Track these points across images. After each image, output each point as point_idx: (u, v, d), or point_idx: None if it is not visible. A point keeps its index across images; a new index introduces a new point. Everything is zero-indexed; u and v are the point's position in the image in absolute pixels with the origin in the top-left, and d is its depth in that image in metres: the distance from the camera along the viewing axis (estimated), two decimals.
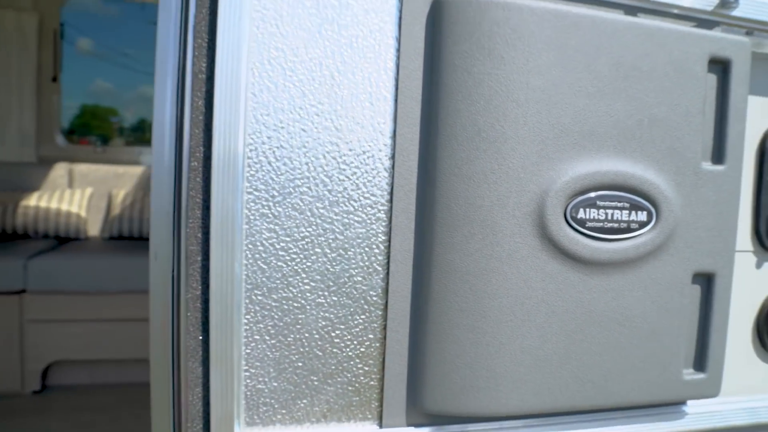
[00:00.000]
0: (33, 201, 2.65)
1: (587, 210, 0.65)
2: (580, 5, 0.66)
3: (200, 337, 0.59)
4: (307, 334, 0.62)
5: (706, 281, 0.70)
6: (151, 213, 0.71)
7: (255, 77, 0.58)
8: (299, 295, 0.61)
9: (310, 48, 0.60)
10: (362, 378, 0.64)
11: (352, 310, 0.63)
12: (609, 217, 0.65)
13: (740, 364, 0.79)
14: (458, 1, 0.61)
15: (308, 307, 0.62)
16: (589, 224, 0.65)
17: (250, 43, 0.57)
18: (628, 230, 0.66)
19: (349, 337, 0.63)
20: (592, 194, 0.65)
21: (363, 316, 0.64)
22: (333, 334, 0.63)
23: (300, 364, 0.62)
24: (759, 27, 0.74)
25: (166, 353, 0.70)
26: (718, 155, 0.70)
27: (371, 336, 0.64)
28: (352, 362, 0.64)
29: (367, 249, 0.63)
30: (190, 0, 0.57)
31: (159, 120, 0.66)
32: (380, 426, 0.64)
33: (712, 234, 0.69)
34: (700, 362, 0.71)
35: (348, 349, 0.63)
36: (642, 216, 0.66)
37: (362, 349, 0.64)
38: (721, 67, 0.69)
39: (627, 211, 0.66)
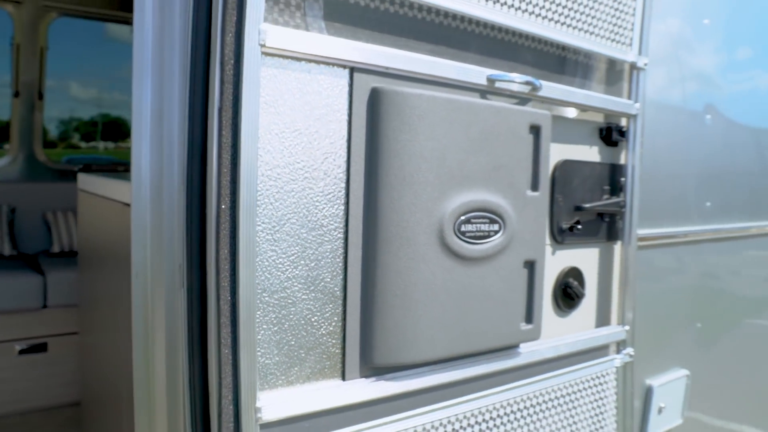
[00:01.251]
0: None
1: (466, 225, 1.05)
2: (460, 93, 1.05)
3: (230, 329, 0.85)
4: (296, 321, 0.91)
5: (530, 266, 1.16)
6: (132, 236, 0.93)
7: (262, 143, 0.86)
8: (290, 294, 0.91)
9: (296, 123, 0.89)
10: (331, 348, 0.96)
11: (324, 301, 0.94)
12: (478, 229, 1.06)
13: (548, 317, 1.28)
14: (388, 90, 0.95)
15: (297, 302, 0.91)
16: (467, 234, 1.05)
17: (261, 119, 0.85)
18: (488, 236, 1.08)
19: (322, 320, 0.94)
20: (469, 215, 1.05)
21: (331, 305, 0.95)
22: (312, 319, 0.93)
23: (293, 342, 0.91)
24: (555, 101, 1.22)
25: (150, 355, 0.94)
26: (535, 185, 1.15)
27: (336, 318, 0.96)
28: (324, 338, 0.95)
29: (332, 259, 0.95)
30: (215, 88, 0.83)
31: (136, 157, 0.90)
32: (343, 380, 0.97)
33: (533, 236, 1.15)
34: (528, 317, 1.16)
35: (322, 329, 0.94)
36: (495, 227, 1.09)
37: (330, 328, 0.96)
38: (536, 130, 1.14)
39: (487, 224, 1.08)
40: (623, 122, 1.41)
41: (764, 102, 2.09)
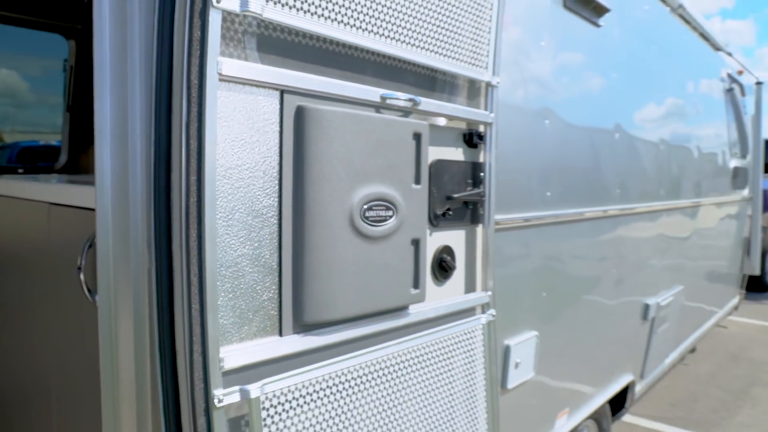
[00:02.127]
0: None
1: (369, 212, 1.39)
2: (362, 109, 1.39)
3: (198, 297, 1.12)
4: (244, 290, 1.20)
5: (416, 243, 1.52)
6: (98, 229, 1.18)
7: (219, 150, 1.14)
8: (240, 268, 1.19)
9: (242, 134, 1.18)
10: (271, 311, 1.25)
11: (264, 273, 1.24)
12: (377, 215, 1.41)
13: (429, 285, 1.66)
14: (309, 107, 1.27)
15: (245, 274, 1.20)
16: (370, 219, 1.39)
17: (218, 131, 1.13)
18: (385, 220, 1.43)
19: (263, 289, 1.24)
20: (371, 203, 1.39)
21: (270, 276, 1.25)
22: (257, 288, 1.22)
23: (243, 306, 1.20)
24: (431, 113, 1.59)
25: (114, 329, 1.18)
26: (417, 180, 1.52)
27: (274, 287, 1.26)
28: (265, 302, 1.24)
29: (270, 240, 1.24)
30: (184, 103, 1.09)
31: (99, 161, 1.15)
32: (281, 336, 1.27)
33: (417, 219, 1.51)
34: (415, 284, 1.53)
35: (264, 295, 1.24)
36: (390, 213, 1.44)
37: (270, 294, 1.25)
38: (417, 137, 1.51)
39: (384, 211, 1.42)
40: (481, 129, 1.83)
41: (592, 107, 2.65)
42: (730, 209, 5.10)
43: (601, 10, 2.60)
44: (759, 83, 5.52)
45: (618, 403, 3.28)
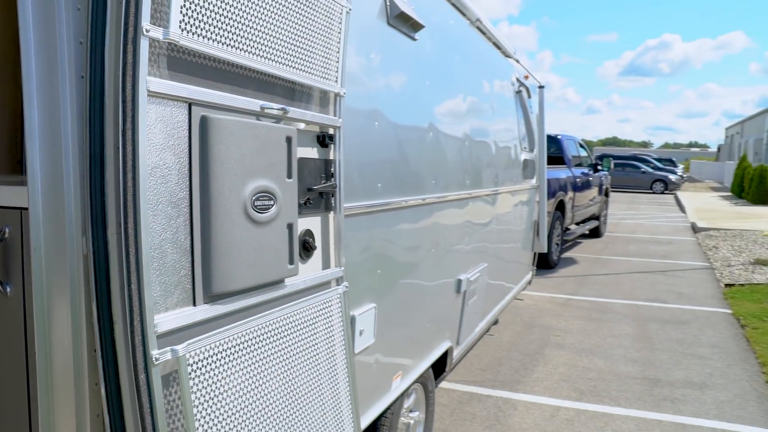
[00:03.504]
0: None
1: (257, 201, 1.78)
2: (249, 117, 1.77)
3: (135, 274, 1.44)
4: (167, 268, 1.54)
5: (290, 227, 1.94)
6: (31, 224, 1.46)
7: (147, 152, 1.46)
8: (164, 250, 1.53)
9: (163, 139, 1.51)
10: (187, 285, 1.60)
11: (181, 254, 1.58)
12: (263, 204, 1.80)
13: (298, 263, 2.08)
14: (211, 117, 1.63)
15: (167, 254, 1.54)
16: (258, 207, 1.78)
17: (147, 137, 1.46)
18: (268, 208, 1.83)
19: (181, 266, 1.59)
20: (258, 194, 1.78)
21: (186, 256, 1.60)
22: (176, 266, 1.57)
23: (166, 282, 1.53)
24: (297, 119, 2.01)
25: (47, 310, 1.47)
26: (289, 175, 1.93)
27: (189, 265, 1.61)
28: (183, 278, 1.59)
29: (185, 226, 1.59)
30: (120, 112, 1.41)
31: (31, 161, 1.43)
32: (194, 305, 1.62)
33: (290, 207, 1.93)
34: (291, 260, 1.94)
35: (181, 272, 1.58)
36: (271, 202, 1.84)
37: (186, 271, 1.60)
38: (289, 139, 1.92)
39: (267, 200, 1.82)
40: (331, 131, 2.28)
41: (411, 110, 3.22)
42: (522, 196, 6.11)
43: (417, 26, 3.18)
44: (541, 87, 6.65)
45: (439, 368, 3.94)
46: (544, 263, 10.03)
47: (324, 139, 2.26)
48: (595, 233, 14.46)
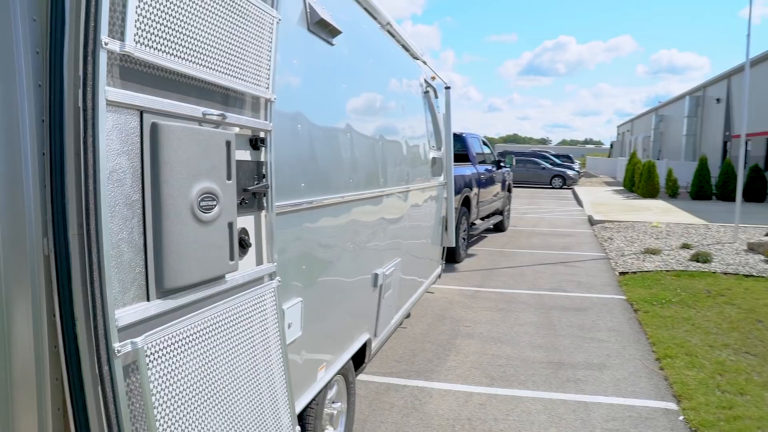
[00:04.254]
0: None
1: (202, 202, 1.94)
2: (193, 123, 1.93)
3: (98, 272, 1.57)
4: (124, 266, 1.68)
5: (230, 225, 2.10)
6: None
7: (106, 158, 1.60)
8: (120, 249, 1.67)
9: (120, 144, 1.66)
10: (142, 281, 1.75)
11: (136, 252, 1.73)
12: (207, 204, 1.96)
13: (237, 259, 2.25)
14: (161, 123, 1.78)
15: (124, 253, 1.68)
16: (203, 207, 1.94)
17: (106, 144, 1.60)
18: (212, 208, 1.99)
19: (135, 264, 1.73)
20: (203, 195, 1.94)
21: (140, 254, 1.74)
22: (132, 263, 1.71)
23: (123, 279, 1.68)
24: (234, 124, 2.18)
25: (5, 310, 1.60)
26: (229, 176, 2.10)
27: (143, 263, 1.75)
28: (138, 275, 1.73)
29: (139, 226, 1.74)
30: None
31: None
32: (148, 300, 1.77)
33: (230, 207, 2.10)
34: (231, 257, 2.11)
35: (136, 269, 1.73)
36: (214, 203, 2.00)
37: (140, 269, 1.74)
38: (228, 143, 2.09)
39: (211, 201, 1.99)
40: (263, 135, 2.46)
41: (330, 112, 3.42)
42: (431, 193, 6.44)
43: (335, 32, 3.39)
44: (447, 88, 7.02)
45: (359, 360, 4.17)
46: (452, 257, 10.48)
47: (256, 142, 2.43)
48: (499, 227, 15.17)
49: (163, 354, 1.77)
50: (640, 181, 26.45)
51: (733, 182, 23.67)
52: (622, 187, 32.58)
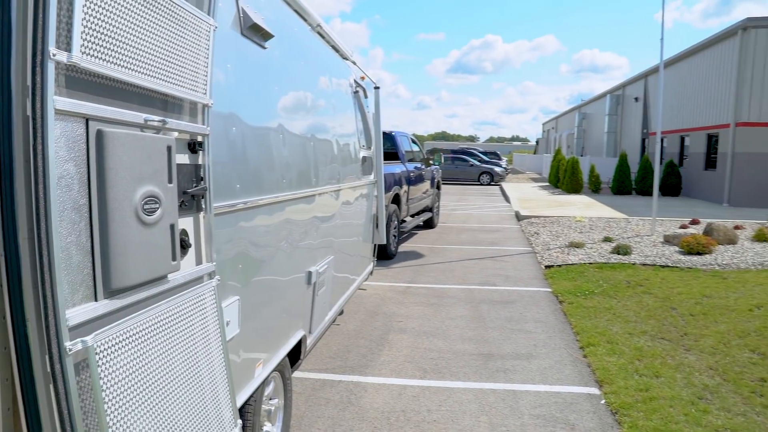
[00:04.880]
0: None
1: (145, 205, 2.03)
2: (136, 129, 2.02)
3: (48, 274, 1.65)
4: (74, 267, 1.77)
5: (172, 227, 2.20)
6: None
7: (54, 166, 1.68)
8: (70, 251, 1.75)
9: (67, 150, 1.74)
10: (90, 282, 1.84)
11: (84, 254, 1.82)
12: (150, 207, 2.06)
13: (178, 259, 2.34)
14: (105, 130, 1.87)
15: (73, 255, 1.76)
16: (146, 210, 2.04)
17: (54, 151, 1.68)
18: (155, 211, 2.09)
19: (84, 265, 1.82)
20: (146, 198, 2.04)
21: (88, 256, 1.83)
22: (80, 265, 1.80)
23: (73, 280, 1.76)
24: (175, 129, 2.28)
25: None
26: (170, 180, 2.20)
27: (90, 263, 1.84)
28: (86, 276, 1.82)
29: (86, 229, 1.82)
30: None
31: None
32: (96, 300, 1.85)
33: (172, 210, 2.20)
34: (173, 257, 2.21)
35: (85, 270, 1.82)
36: (157, 205, 2.10)
37: (88, 270, 1.83)
38: (169, 148, 2.18)
39: (153, 204, 2.08)
40: (200, 138, 2.56)
41: (264, 114, 3.53)
42: (362, 191, 6.60)
43: (267, 36, 3.50)
44: (377, 87, 7.19)
45: (295, 356, 4.29)
46: (384, 254, 10.70)
47: (194, 146, 2.53)
48: (429, 224, 15.51)
49: (111, 351, 1.86)
50: (565, 177, 27.45)
51: (650, 178, 24.95)
52: (547, 183, 33.69)
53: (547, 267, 10.35)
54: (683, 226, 14.71)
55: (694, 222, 15.39)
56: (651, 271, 9.78)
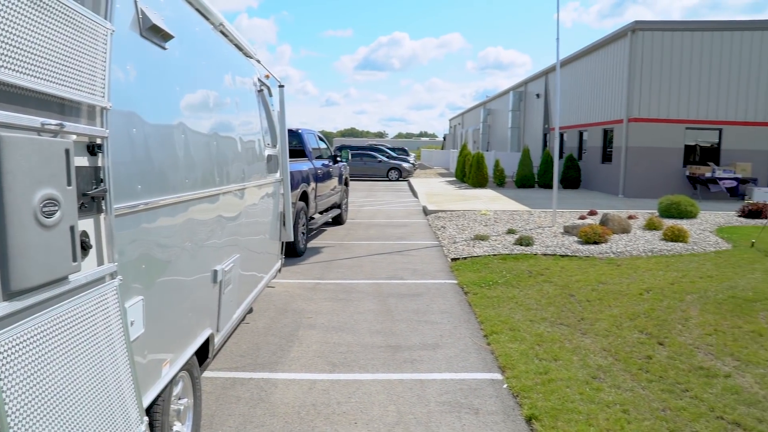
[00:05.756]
0: None
1: (44, 208, 2.07)
2: (33, 133, 2.05)
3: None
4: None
5: (72, 229, 2.24)
6: None
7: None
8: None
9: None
10: None
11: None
12: (49, 210, 2.10)
13: (79, 260, 2.38)
14: (4, 135, 1.90)
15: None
16: (45, 213, 2.07)
17: None
18: (54, 213, 2.12)
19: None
20: (45, 202, 2.07)
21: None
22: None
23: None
24: (72, 132, 2.31)
25: None
26: (69, 182, 2.23)
27: None
28: None
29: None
30: None
31: None
32: (9, 301, 1.89)
33: (72, 211, 2.24)
34: (74, 258, 2.25)
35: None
36: (56, 208, 2.14)
37: None
38: (67, 150, 2.22)
39: (53, 206, 2.12)
40: (100, 141, 2.59)
41: (165, 115, 3.56)
42: (268, 190, 6.66)
43: (167, 36, 3.54)
44: (281, 86, 7.26)
45: (203, 355, 4.34)
46: (292, 252, 10.76)
47: (93, 149, 2.56)
48: (338, 221, 15.65)
49: (12, 353, 1.90)
50: (471, 172, 28.24)
51: (552, 171, 26.05)
52: (454, 178, 34.53)
53: (453, 260, 10.70)
54: (582, 217, 15.51)
55: (592, 213, 16.26)
56: (551, 261, 10.30)
